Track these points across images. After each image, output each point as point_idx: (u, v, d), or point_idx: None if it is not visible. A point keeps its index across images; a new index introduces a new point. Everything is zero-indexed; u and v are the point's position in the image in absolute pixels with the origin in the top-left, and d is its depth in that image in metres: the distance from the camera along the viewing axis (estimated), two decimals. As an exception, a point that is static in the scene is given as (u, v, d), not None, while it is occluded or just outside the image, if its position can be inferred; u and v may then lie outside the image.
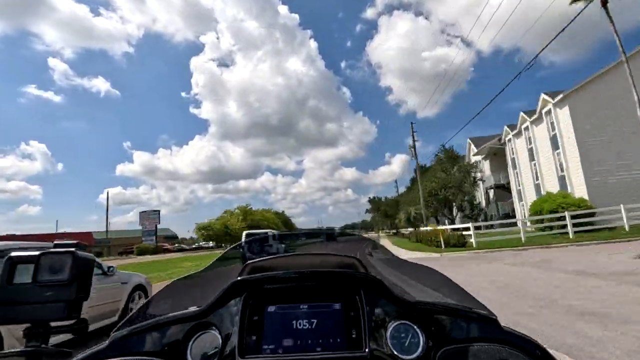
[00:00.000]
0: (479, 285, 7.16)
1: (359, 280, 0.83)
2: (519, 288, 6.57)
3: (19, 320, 0.67)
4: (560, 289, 6.18)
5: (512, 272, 8.75)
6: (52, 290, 0.68)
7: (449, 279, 1.19)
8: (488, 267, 10.00)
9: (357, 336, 0.75)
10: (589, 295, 5.51)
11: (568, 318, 4.39)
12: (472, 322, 0.80)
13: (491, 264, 10.69)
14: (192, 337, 0.78)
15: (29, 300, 0.67)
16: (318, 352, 0.73)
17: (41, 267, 0.69)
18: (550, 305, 5.07)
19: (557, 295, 5.63)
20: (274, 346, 0.74)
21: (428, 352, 0.73)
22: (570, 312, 4.61)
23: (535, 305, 5.17)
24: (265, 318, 0.78)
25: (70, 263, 0.70)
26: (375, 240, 1.73)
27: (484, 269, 9.83)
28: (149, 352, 0.77)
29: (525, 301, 5.47)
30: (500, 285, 6.99)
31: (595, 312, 4.52)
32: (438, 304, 0.85)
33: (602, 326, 3.96)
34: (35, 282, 0.68)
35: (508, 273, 8.69)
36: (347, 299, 0.81)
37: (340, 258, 1.21)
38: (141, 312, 0.98)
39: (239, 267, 1.22)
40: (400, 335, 0.76)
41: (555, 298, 5.47)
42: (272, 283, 0.84)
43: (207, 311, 0.80)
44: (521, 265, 9.81)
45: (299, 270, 0.84)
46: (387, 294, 0.82)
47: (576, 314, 4.53)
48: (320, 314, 0.79)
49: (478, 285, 7.05)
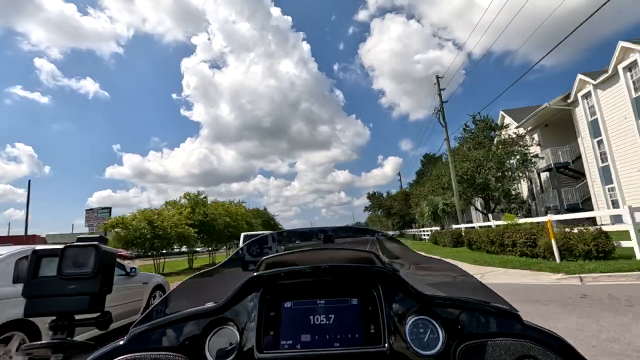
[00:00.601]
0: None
1: (377, 274, 0.82)
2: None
3: (44, 313, 0.68)
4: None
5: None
6: (76, 283, 0.69)
7: (469, 274, 1.16)
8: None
9: (375, 331, 0.74)
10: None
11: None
12: (493, 317, 0.79)
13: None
14: (210, 332, 0.78)
15: (54, 293, 0.68)
16: (336, 347, 0.73)
17: (65, 261, 0.70)
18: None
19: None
20: (292, 342, 0.74)
21: (448, 348, 0.73)
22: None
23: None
24: (282, 313, 0.78)
25: (94, 256, 0.70)
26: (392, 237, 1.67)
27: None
28: (167, 348, 0.77)
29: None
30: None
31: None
32: (457, 298, 0.83)
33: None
34: (60, 276, 0.69)
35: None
36: (364, 294, 0.80)
37: (357, 252, 1.20)
38: (159, 308, 0.99)
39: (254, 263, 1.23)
40: (419, 330, 0.75)
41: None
42: (288, 278, 0.83)
43: (224, 307, 0.80)
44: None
45: (315, 265, 0.83)
46: (405, 288, 0.81)
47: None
48: (338, 309, 0.78)
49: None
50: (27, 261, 2.85)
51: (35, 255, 0.71)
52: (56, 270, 0.69)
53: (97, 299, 0.70)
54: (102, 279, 0.70)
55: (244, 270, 1.31)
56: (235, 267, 1.44)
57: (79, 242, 0.71)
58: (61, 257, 0.70)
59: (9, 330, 3.38)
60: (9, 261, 3.75)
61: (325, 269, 0.83)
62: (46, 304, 0.67)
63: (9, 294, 3.50)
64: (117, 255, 0.90)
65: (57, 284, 0.68)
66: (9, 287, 3.56)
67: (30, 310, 0.68)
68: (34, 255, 0.71)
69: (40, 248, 0.72)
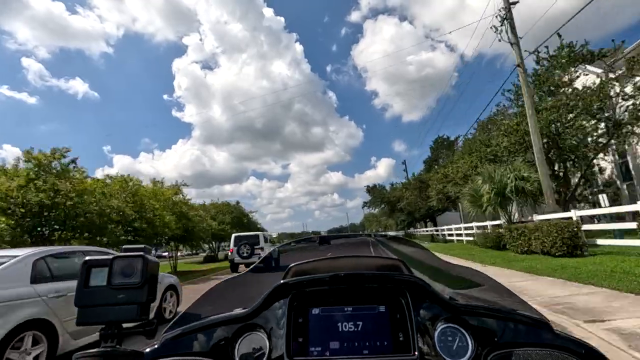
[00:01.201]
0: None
1: (404, 282, 0.82)
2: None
3: (96, 322, 0.70)
4: None
5: None
6: (125, 292, 0.71)
7: (498, 282, 1.14)
8: None
9: (404, 339, 0.74)
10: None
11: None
12: (523, 326, 0.78)
13: None
14: (239, 338, 0.79)
15: (104, 302, 0.70)
16: (366, 355, 0.73)
17: (114, 271, 0.72)
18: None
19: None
20: (321, 348, 0.75)
21: (477, 356, 0.72)
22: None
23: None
24: (310, 320, 0.78)
25: (141, 266, 0.72)
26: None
27: None
28: (198, 353, 0.79)
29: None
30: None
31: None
32: (486, 307, 0.82)
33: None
34: (110, 285, 0.71)
35: None
36: (391, 302, 0.80)
37: (384, 260, 1.18)
38: (188, 313, 1.00)
39: (280, 270, 1.23)
40: (447, 338, 0.75)
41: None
42: (316, 285, 0.83)
43: (253, 313, 0.81)
44: None
45: (345, 273, 0.83)
46: (433, 296, 0.80)
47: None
48: (365, 316, 0.78)
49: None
50: (45, 262, 2.89)
51: (86, 265, 0.73)
52: (106, 280, 0.71)
53: (144, 308, 0.72)
54: (148, 289, 0.73)
55: (231, 269, 1.45)
56: (263, 272, 1.44)
57: (126, 253, 0.74)
58: (110, 267, 0.72)
59: (28, 329, 3.45)
60: (27, 262, 3.84)
61: (352, 276, 0.83)
62: (97, 313, 0.70)
63: (27, 294, 3.58)
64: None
65: (107, 294, 0.71)
66: (26, 288, 3.64)
67: (83, 319, 0.70)
68: (85, 266, 0.73)
69: (90, 258, 0.75)
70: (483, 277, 1.22)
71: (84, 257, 3.16)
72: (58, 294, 3.86)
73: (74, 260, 4.60)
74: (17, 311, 3.39)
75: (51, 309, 3.71)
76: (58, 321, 3.73)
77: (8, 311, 3.31)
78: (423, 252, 1.56)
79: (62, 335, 3.76)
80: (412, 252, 1.63)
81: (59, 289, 3.92)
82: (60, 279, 4.09)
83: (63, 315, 3.79)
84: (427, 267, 1.41)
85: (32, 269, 3.82)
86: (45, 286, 3.82)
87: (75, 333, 3.94)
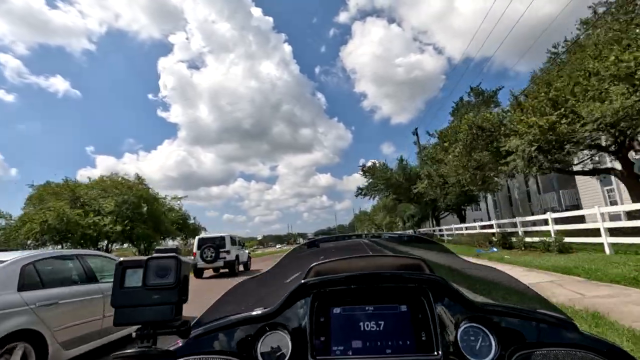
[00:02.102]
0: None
1: (426, 281, 0.82)
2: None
3: (132, 323, 0.70)
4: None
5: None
6: (159, 293, 0.71)
7: (520, 282, 1.13)
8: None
9: (427, 339, 0.74)
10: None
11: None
12: (548, 326, 0.77)
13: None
14: (261, 337, 0.80)
15: (139, 303, 0.71)
16: (388, 354, 0.73)
17: (149, 272, 0.72)
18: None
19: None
20: (343, 347, 0.75)
21: (501, 357, 0.71)
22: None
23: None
24: (331, 319, 0.79)
25: (175, 267, 0.73)
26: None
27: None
28: (221, 351, 0.80)
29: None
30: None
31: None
32: (510, 306, 0.82)
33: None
34: (145, 286, 0.71)
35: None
36: (413, 301, 0.79)
37: (405, 259, 1.17)
38: (210, 312, 1.01)
39: (299, 268, 1.24)
40: (469, 338, 0.74)
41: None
42: (336, 285, 0.83)
43: (275, 312, 0.82)
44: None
45: (364, 272, 0.83)
46: (455, 296, 0.80)
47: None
48: (387, 315, 0.78)
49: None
50: (34, 267, 2.59)
51: (121, 266, 0.74)
52: (141, 280, 0.72)
53: (178, 308, 0.73)
54: (182, 289, 0.73)
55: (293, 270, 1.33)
56: (283, 271, 1.44)
57: (159, 254, 0.75)
58: (145, 268, 0.73)
59: (14, 340, 3.20)
60: (14, 268, 3.59)
61: (372, 276, 0.83)
62: (133, 313, 0.71)
63: (13, 302, 3.32)
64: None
65: (142, 294, 0.71)
66: (13, 295, 3.39)
67: (120, 320, 0.71)
68: (120, 267, 0.74)
69: (124, 259, 0.76)
70: (505, 276, 1.21)
71: (78, 261, 2.85)
72: (48, 301, 3.60)
73: (67, 264, 4.35)
74: (2, 322, 3.13)
75: (40, 318, 3.45)
76: (48, 331, 3.47)
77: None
78: (444, 251, 1.53)
79: (52, 345, 3.51)
80: (432, 252, 1.56)
81: (50, 296, 3.65)
82: (52, 285, 3.83)
83: (53, 325, 3.54)
84: (448, 266, 1.40)
85: (20, 275, 3.57)
86: (34, 294, 3.56)
87: (67, 343, 3.69)
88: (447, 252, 1.48)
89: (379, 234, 1.78)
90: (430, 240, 1.71)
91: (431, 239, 1.65)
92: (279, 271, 1.42)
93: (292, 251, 1.58)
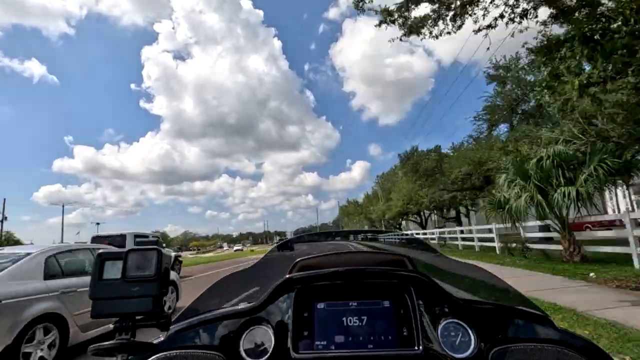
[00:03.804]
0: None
1: (409, 278, 0.83)
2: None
3: (110, 314, 0.70)
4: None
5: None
6: (139, 285, 0.71)
7: (500, 279, 1.16)
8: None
9: (408, 334, 0.75)
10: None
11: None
12: (525, 322, 0.79)
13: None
14: (245, 331, 0.80)
15: (118, 295, 0.70)
16: (371, 349, 0.74)
17: (129, 264, 0.72)
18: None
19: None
20: (326, 342, 0.76)
21: (480, 352, 0.73)
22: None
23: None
24: (315, 314, 0.80)
25: (156, 260, 0.72)
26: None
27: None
28: (204, 346, 0.80)
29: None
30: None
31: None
32: (488, 302, 0.85)
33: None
34: (124, 278, 0.71)
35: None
36: (395, 297, 0.81)
37: (389, 255, 1.20)
38: (194, 306, 1.01)
39: (284, 264, 1.25)
40: (450, 334, 0.76)
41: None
42: (320, 280, 0.84)
43: (259, 307, 0.83)
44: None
45: (347, 268, 0.84)
46: (436, 292, 0.82)
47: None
48: (370, 311, 0.79)
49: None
50: (55, 259, 3.17)
51: (100, 258, 0.73)
52: (120, 272, 0.72)
53: (158, 300, 0.72)
54: (162, 282, 0.73)
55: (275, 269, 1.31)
56: (268, 266, 1.46)
57: (141, 246, 0.75)
58: (125, 260, 0.72)
59: (42, 322, 3.69)
60: (40, 259, 4.07)
61: (355, 272, 0.84)
62: (112, 305, 0.70)
63: (41, 289, 3.82)
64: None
65: (121, 287, 0.71)
66: (40, 283, 3.88)
67: (97, 311, 0.71)
68: (99, 258, 0.73)
69: (103, 251, 0.75)
70: (486, 274, 1.24)
71: (90, 253, 3.47)
72: (69, 289, 4.10)
73: (79, 256, 4.83)
74: (33, 306, 3.63)
75: (63, 303, 3.96)
76: (69, 315, 3.97)
77: (24, 306, 3.55)
78: (427, 250, 1.57)
79: (72, 328, 4.01)
80: (417, 250, 1.64)
81: (70, 284, 4.15)
82: (70, 275, 4.33)
83: (73, 310, 4.04)
84: (431, 264, 1.45)
85: (45, 265, 4.06)
86: (57, 282, 4.06)
87: (85, 326, 4.19)
88: (431, 250, 1.57)
89: (372, 235, 1.60)
90: (415, 239, 1.77)
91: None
92: (265, 265, 1.47)
93: (276, 247, 1.62)
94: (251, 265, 1.49)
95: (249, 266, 1.51)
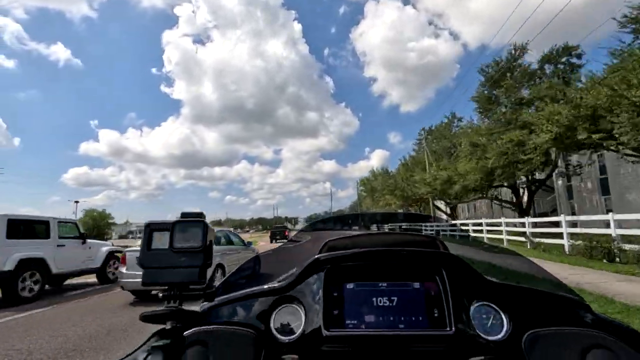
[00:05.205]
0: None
1: (441, 259, 0.83)
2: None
3: (160, 283, 0.73)
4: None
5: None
6: (186, 256, 0.73)
7: (535, 264, 1.15)
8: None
9: (439, 315, 0.75)
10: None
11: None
12: (561, 307, 0.79)
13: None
14: (275, 309, 0.83)
15: (166, 265, 0.73)
16: (401, 329, 0.74)
17: (176, 235, 0.74)
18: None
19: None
20: (357, 321, 0.77)
21: (513, 334, 0.73)
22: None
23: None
24: (344, 294, 0.81)
25: (202, 231, 0.75)
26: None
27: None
28: (236, 322, 0.83)
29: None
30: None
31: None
32: (522, 286, 0.83)
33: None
34: (172, 248, 0.73)
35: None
36: (426, 278, 0.81)
37: (420, 237, 1.23)
38: (226, 284, 1.07)
39: (315, 245, 1.26)
40: (482, 316, 0.76)
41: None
42: (350, 261, 0.85)
43: (289, 285, 0.86)
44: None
45: (383, 249, 0.86)
46: (469, 274, 0.81)
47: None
48: (400, 292, 0.79)
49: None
50: (219, 235, 7.70)
51: (149, 228, 0.76)
52: (168, 243, 0.74)
53: (203, 271, 0.74)
54: (206, 253, 0.75)
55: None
56: (299, 246, 1.57)
57: (186, 218, 0.77)
58: (172, 231, 0.74)
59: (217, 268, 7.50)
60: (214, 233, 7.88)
61: (386, 253, 0.86)
62: (161, 274, 0.73)
63: (216, 250, 7.65)
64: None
65: (169, 257, 0.73)
66: (216, 247, 7.68)
67: (147, 280, 0.73)
68: (148, 229, 0.76)
69: (152, 222, 0.76)
70: (521, 258, 1.23)
71: (227, 232, 9.14)
72: (223, 251, 7.90)
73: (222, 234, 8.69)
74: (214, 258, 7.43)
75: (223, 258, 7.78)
76: (226, 264, 7.74)
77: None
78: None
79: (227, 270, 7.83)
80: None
81: (224, 249, 7.95)
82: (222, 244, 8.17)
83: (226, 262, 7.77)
84: (464, 245, 1.49)
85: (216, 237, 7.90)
86: (218, 247, 7.87)
87: (231, 268, 7.78)
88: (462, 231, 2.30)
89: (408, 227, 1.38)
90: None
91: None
92: (294, 246, 1.55)
93: (308, 226, 1.81)
94: (281, 246, 1.58)
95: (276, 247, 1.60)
